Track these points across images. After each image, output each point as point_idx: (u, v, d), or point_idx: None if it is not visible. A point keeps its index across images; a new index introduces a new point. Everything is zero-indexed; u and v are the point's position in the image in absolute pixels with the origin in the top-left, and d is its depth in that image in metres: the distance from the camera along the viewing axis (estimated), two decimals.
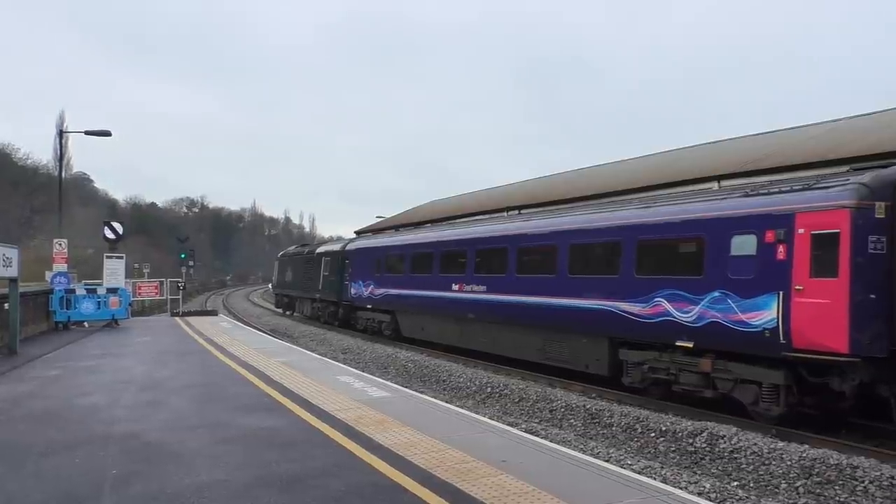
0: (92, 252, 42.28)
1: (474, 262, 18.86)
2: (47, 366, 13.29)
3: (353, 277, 27.53)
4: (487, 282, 17.99)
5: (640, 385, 13.30)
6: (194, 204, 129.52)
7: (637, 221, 13.34)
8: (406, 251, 23.65)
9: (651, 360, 12.87)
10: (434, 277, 20.95)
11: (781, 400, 10.66)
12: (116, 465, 6.30)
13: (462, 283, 19.13)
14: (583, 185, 23.58)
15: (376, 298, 25.33)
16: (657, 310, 12.40)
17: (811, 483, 8.33)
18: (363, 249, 27.68)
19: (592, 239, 14.48)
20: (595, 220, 14.62)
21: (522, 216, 19.11)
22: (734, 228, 11.23)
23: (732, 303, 10.99)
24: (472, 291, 18.56)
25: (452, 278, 19.71)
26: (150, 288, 28.98)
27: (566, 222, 15.62)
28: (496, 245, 18.00)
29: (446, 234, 21.65)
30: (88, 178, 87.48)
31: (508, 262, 17.15)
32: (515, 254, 16.98)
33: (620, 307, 13.19)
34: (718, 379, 11.60)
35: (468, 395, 14.83)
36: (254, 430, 7.78)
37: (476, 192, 37.15)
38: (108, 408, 9.09)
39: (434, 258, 21.25)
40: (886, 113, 17.77)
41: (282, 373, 12.18)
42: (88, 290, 22.54)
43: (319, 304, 32.78)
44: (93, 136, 25.23)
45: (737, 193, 11.85)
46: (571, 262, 14.90)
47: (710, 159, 20.15)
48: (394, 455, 6.67)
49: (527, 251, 16.78)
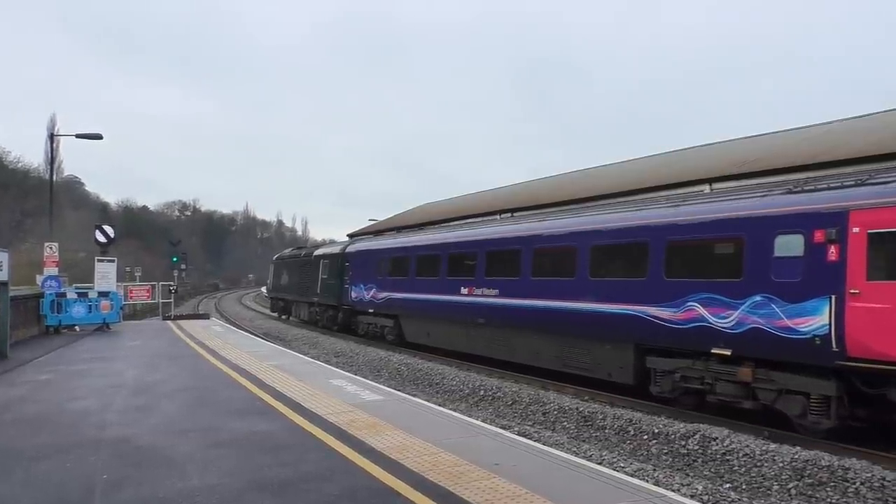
0: (83, 255, 42.05)
1: (485, 265, 17.93)
2: (38, 370, 13.22)
3: (354, 280, 26.64)
4: (500, 285, 17.11)
5: (669, 395, 12.47)
6: (186, 207, 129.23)
7: (666, 221, 12.56)
8: (411, 253, 22.60)
9: (683, 369, 12.05)
10: (441, 280, 20.02)
11: (832, 412, 9.86)
12: (107, 470, 6.27)
13: (472, 287, 18.27)
14: (581, 187, 23.62)
15: (378, 302, 24.40)
16: (690, 315, 11.67)
17: (803, 484, 8.35)
18: (364, 251, 26.66)
19: (616, 240, 13.62)
20: (618, 220, 13.80)
21: (536, 216, 17.96)
22: (778, 228, 10.47)
23: (777, 308, 10.26)
24: (483, 295, 17.72)
25: (461, 281, 18.83)
26: (141, 291, 28.84)
27: (586, 222, 14.71)
28: (509, 247, 17.09)
29: (454, 236, 20.58)
30: (80, 181, 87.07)
31: (522, 264, 16.27)
32: (530, 256, 16.08)
33: (648, 312, 12.46)
34: (760, 389, 10.84)
35: (461, 398, 14.81)
36: (246, 434, 7.75)
37: (470, 194, 37.18)
38: (99, 412, 9.05)
39: (441, 260, 20.33)
40: (881, 115, 17.86)
41: (274, 376, 12.14)
42: (80, 293, 22.42)
43: (317, 308, 31.90)
44: (84, 139, 25.12)
45: (778, 190, 11.12)
46: (593, 264, 14.05)
47: (702, 162, 20.22)
48: (386, 458, 6.66)
49: (543, 253, 15.83)
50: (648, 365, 12.83)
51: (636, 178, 21.24)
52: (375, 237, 30.16)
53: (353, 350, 22.89)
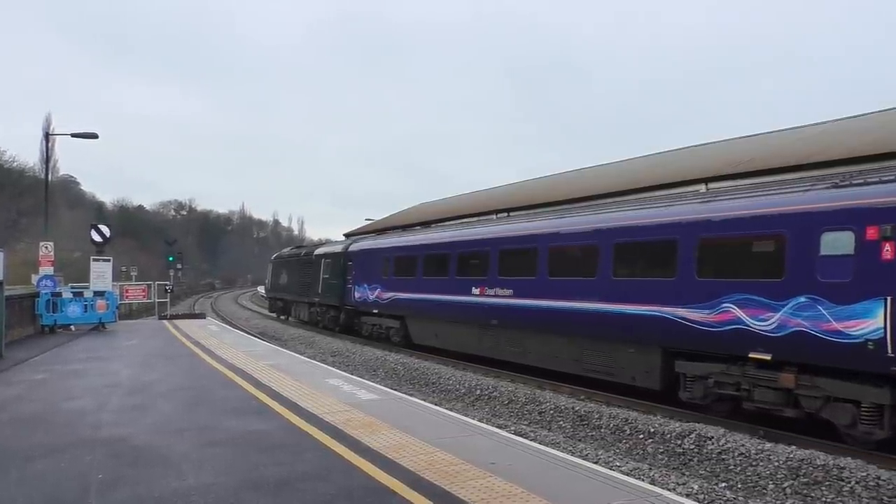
0: (79, 255, 41.96)
1: (498, 264, 17.14)
2: (33, 369, 13.18)
3: (357, 280, 25.77)
4: (514, 285, 16.34)
5: (701, 401, 11.78)
6: (182, 206, 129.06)
7: (697, 217, 11.83)
8: (418, 252, 21.72)
9: (717, 374, 11.35)
10: (451, 280, 19.19)
11: (886, 422, 9.21)
12: (103, 470, 6.25)
13: (484, 287, 17.48)
14: (576, 188, 23.65)
15: (383, 303, 23.54)
16: (725, 317, 10.95)
17: (798, 484, 8.37)
18: (369, 250, 25.78)
19: (642, 237, 12.88)
20: (645, 217, 13.08)
21: (555, 213, 17.04)
22: (824, 224, 9.76)
23: (823, 309, 9.58)
24: (497, 295, 16.94)
25: (473, 281, 18.03)
26: (137, 291, 28.78)
27: (609, 219, 13.95)
28: (524, 245, 16.28)
29: (465, 234, 19.74)
30: (75, 181, 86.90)
31: (539, 263, 15.49)
32: (547, 254, 15.32)
33: (677, 313, 11.76)
34: (804, 396, 10.15)
35: (457, 398, 14.82)
36: (242, 433, 7.74)
37: (466, 194, 37.22)
38: (94, 411, 9.03)
39: (450, 259, 19.49)
40: (875, 115, 17.95)
41: (270, 376, 12.13)
42: (75, 293, 22.36)
43: (318, 309, 31.05)
44: (79, 138, 25.05)
45: (822, 184, 10.45)
46: (616, 262, 13.35)
47: (698, 161, 20.26)
48: (382, 458, 6.66)
49: (561, 251, 15.12)
50: (677, 369, 12.13)
51: (633, 177, 21.27)
52: (378, 236, 29.19)
53: (349, 349, 22.89)
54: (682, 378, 12.10)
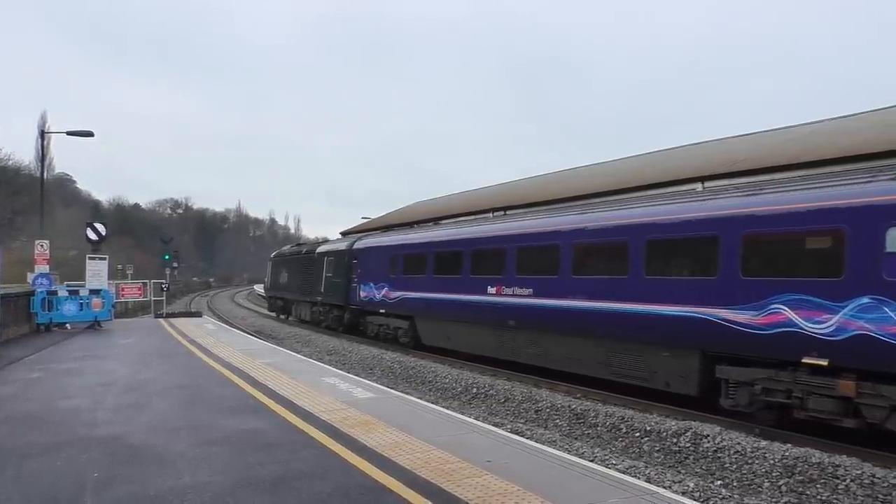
0: (74, 253, 41.94)
1: (515, 262, 16.26)
2: (29, 368, 13.15)
3: (363, 279, 24.81)
4: (534, 284, 15.46)
5: (746, 409, 10.95)
6: (178, 205, 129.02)
7: (742, 212, 11.03)
8: (429, 249, 20.71)
9: (764, 380, 10.57)
10: (464, 279, 18.30)
11: None
12: (99, 468, 6.24)
13: (501, 286, 16.60)
14: (574, 186, 23.66)
15: (391, 302, 22.60)
16: (774, 318, 10.17)
17: (793, 482, 8.40)
18: (375, 248, 24.77)
19: (679, 234, 12.07)
20: (681, 212, 12.25)
21: (578, 208, 15.96)
22: (892, 219, 9.00)
23: (891, 311, 8.87)
24: (515, 295, 16.07)
25: (488, 280, 17.14)
26: (133, 289, 28.75)
27: (641, 214, 13.10)
28: (545, 242, 15.36)
29: (480, 231, 18.74)
30: (71, 179, 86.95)
31: (562, 261, 14.63)
32: (571, 251, 14.46)
33: (719, 315, 10.98)
34: (865, 406, 9.39)
35: (454, 396, 14.83)
36: (238, 431, 7.74)
37: (462, 192, 37.21)
38: (90, 410, 9.01)
39: (464, 257, 18.57)
40: (867, 115, 18.01)
41: (267, 374, 12.12)
42: (71, 291, 22.31)
43: (321, 308, 29.98)
44: (75, 136, 24.99)
45: (885, 175, 9.71)
46: (649, 260, 12.54)
47: (695, 160, 20.29)
48: (379, 456, 6.66)
49: (587, 248, 14.25)
50: (718, 375, 11.31)
51: (629, 176, 21.30)
52: (384, 233, 28.03)
53: (346, 348, 22.88)
54: (723, 384, 11.30)
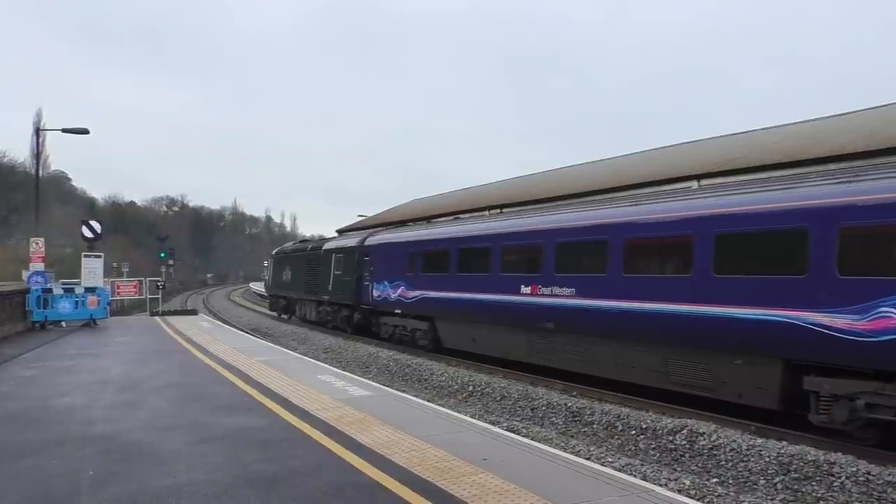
0: (70, 251, 41.85)
1: (554, 259, 14.81)
2: (24, 366, 13.11)
3: (376, 277, 23.31)
4: (577, 283, 14.07)
5: (843, 426, 9.62)
6: (174, 202, 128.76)
7: (837, 202, 9.72)
8: (452, 245, 19.17)
9: (870, 394, 9.25)
10: (493, 277, 16.87)
11: None
12: (94, 466, 6.22)
13: (537, 285, 15.14)
14: (563, 185, 23.70)
15: (408, 302, 21.12)
16: (882, 324, 8.88)
17: (789, 479, 8.41)
18: (389, 244, 23.24)
19: (755, 227, 10.77)
20: (760, 203, 10.90)
21: (629, 200, 14.53)
22: None
23: None
24: (554, 295, 14.61)
25: (522, 278, 15.70)
26: (129, 287, 28.64)
27: (709, 206, 11.77)
28: (591, 237, 14.00)
29: (512, 225, 17.11)
30: (66, 177, 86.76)
31: (610, 258, 13.30)
32: (621, 247, 13.11)
33: (809, 319, 9.69)
34: None
35: (450, 394, 14.82)
36: (234, 429, 7.72)
37: (458, 190, 37.31)
38: (85, 408, 8.99)
39: (493, 253, 17.09)
40: (859, 114, 18.12)
41: (262, 372, 12.10)
42: (66, 289, 22.27)
43: (328, 308, 28.39)
44: (70, 133, 24.93)
45: None
46: (718, 257, 11.23)
47: (690, 158, 20.34)
48: (374, 454, 6.65)
49: (641, 244, 12.92)
50: (807, 387, 10.01)
51: (627, 174, 21.34)
52: (397, 228, 26.58)
53: (341, 346, 22.85)
54: (813, 398, 10.03)
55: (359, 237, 26.51)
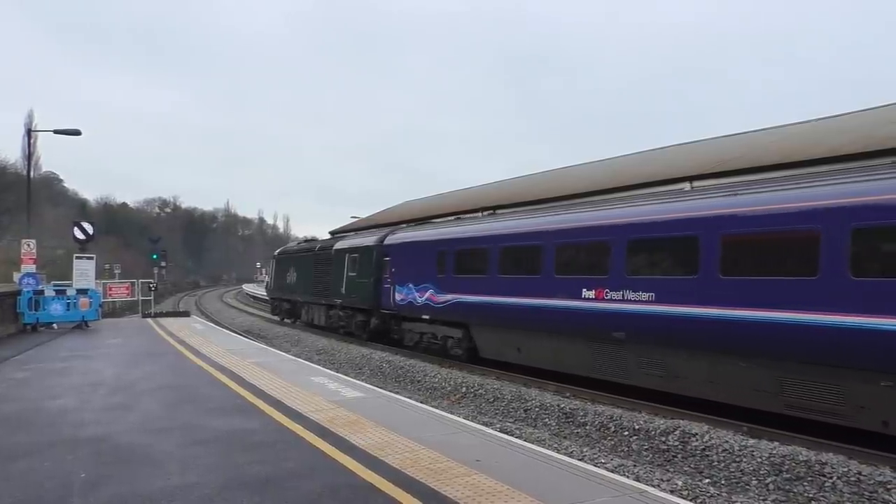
0: (62, 253, 41.67)
1: (625, 259, 12.89)
2: (15, 368, 13.05)
3: (399, 279, 21.25)
4: (656, 287, 12.15)
5: None
6: (167, 204, 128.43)
7: None
8: (493, 244, 17.05)
9: None
10: (546, 279, 14.85)
11: None
12: (86, 469, 6.20)
13: (602, 288, 13.23)
14: (558, 185, 23.72)
15: (438, 307, 18.99)
16: None
17: (781, 479, 8.45)
18: (415, 243, 21.13)
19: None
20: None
21: (725, 189, 12.17)
22: None
23: None
24: (626, 300, 12.69)
25: (584, 281, 13.70)
26: (121, 289, 28.56)
27: (844, 193, 9.63)
28: (676, 233, 12.02)
29: (570, 220, 14.84)
30: (58, 178, 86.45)
31: (703, 257, 11.33)
32: (719, 245, 11.11)
33: None
34: None
35: (443, 396, 14.83)
36: (226, 431, 7.70)
37: (451, 192, 37.31)
38: (77, 410, 8.96)
39: (544, 253, 15.01)
40: (856, 114, 18.20)
41: (255, 374, 12.08)
42: (58, 291, 22.19)
43: (341, 313, 26.23)
44: (62, 134, 24.83)
45: None
46: (856, 256, 9.24)
47: (684, 160, 20.40)
48: (368, 455, 6.65)
49: (746, 241, 10.88)
50: None
51: (622, 175, 21.39)
52: (419, 226, 24.38)
53: (334, 347, 22.83)
54: None
55: (376, 235, 24.47)
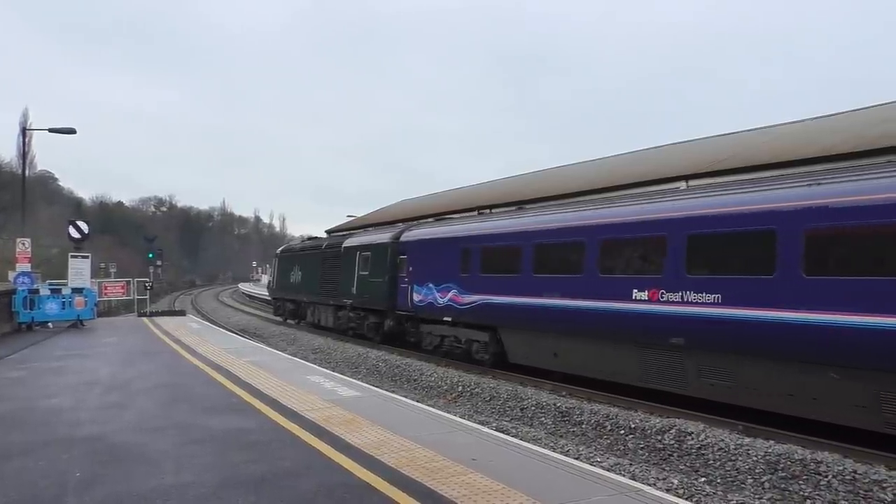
0: (56, 251, 41.53)
1: (684, 256, 11.64)
2: (10, 367, 13.00)
3: (417, 278, 20.00)
4: (723, 287, 10.89)
5: None
6: (162, 203, 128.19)
7: None
8: (525, 241, 15.63)
9: None
10: (588, 279, 13.53)
11: None
12: (80, 468, 6.18)
13: (657, 289, 12.00)
14: (555, 185, 23.73)
15: (462, 308, 17.69)
16: None
17: (776, 478, 8.46)
18: (436, 240, 19.80)
19: None
20: None
21: (812, 177, 10.47)
22: None
23: None
24: (685, 302, 11.48)
25: (634, 281, 12.49)
26: (116, 288, 28.49)
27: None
28: (746, 227, 10.69)
29: (617, 214, 13.50)
30: (53, 177, 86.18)
31: (781, 255, 10.07)
32: (801, 240, 9.82)
33: None
34: None
35: (439, 395, 14.83)
36: (222, 431, 7.69)
37: (446, 191, 37.32)
38: (72, 409, 8.93)
39: (587, 250, 13.69)
40: (850, 114, 18.23)
41: (251, 373, 12.06)
42: (53, 290, 22.13)
43: (352, 314, 24.70)
44: (57, 133, 24.74)
45: None
46: None
47: (678, 159, 20.43)
48: (364, 455, 6.64)
49: (832, 235, 9.54)
50: None
51: (617, 174, 21.41)
52: (437, 221, 23.52)
53: (330, 346, 22.81)
54: None
55: (391, 231, 23.21)
